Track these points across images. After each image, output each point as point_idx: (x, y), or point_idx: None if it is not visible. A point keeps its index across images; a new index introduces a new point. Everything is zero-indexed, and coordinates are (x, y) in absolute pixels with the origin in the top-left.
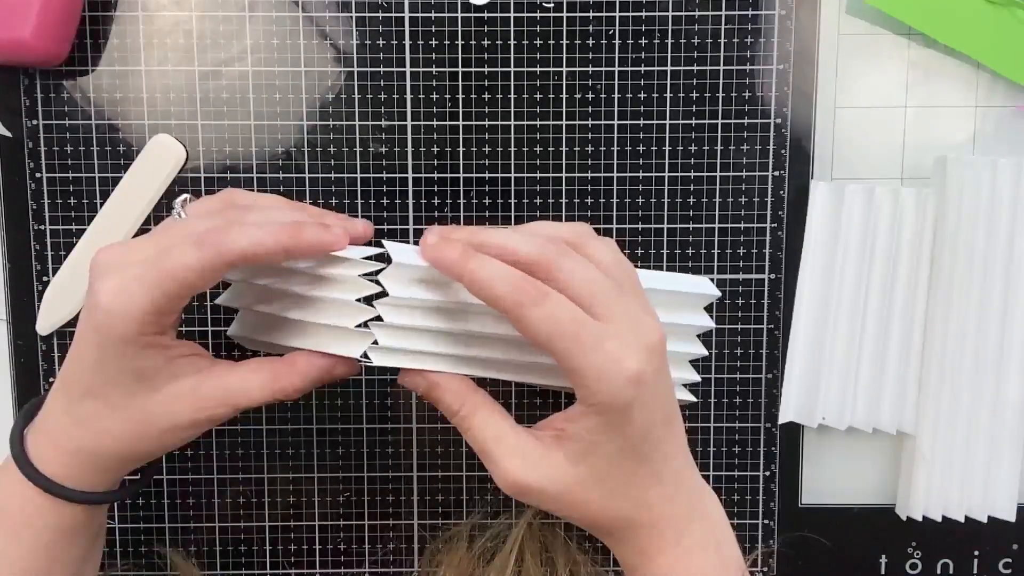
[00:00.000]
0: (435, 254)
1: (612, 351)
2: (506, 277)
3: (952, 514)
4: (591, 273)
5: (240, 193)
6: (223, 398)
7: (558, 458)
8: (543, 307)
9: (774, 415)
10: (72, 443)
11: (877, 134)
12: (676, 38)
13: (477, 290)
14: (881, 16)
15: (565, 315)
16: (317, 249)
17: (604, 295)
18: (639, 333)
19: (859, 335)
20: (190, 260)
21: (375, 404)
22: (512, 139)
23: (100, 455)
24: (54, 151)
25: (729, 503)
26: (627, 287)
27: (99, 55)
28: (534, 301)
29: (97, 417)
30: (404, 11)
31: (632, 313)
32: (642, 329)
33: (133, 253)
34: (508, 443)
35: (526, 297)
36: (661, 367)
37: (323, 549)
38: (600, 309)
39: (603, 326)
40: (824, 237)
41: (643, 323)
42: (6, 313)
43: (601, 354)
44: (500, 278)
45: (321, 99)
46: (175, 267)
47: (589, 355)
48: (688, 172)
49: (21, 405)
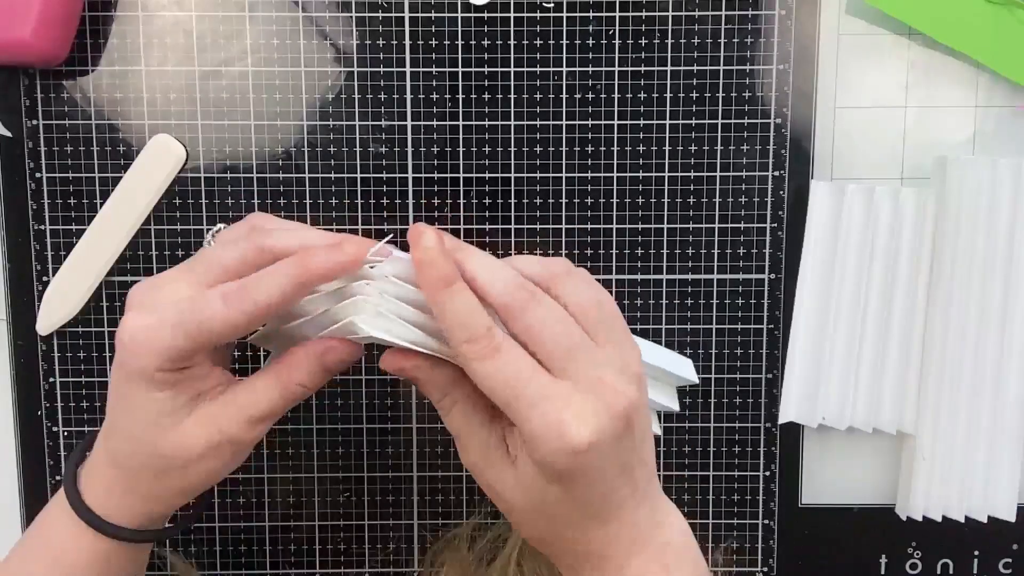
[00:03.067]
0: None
1: (557, 417)
2: (464, 322)
3: (952, 514)
4: (559, 325)
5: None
6: (234, 413)
7: (510, 480)
8: (489, 363)
9: (774, 415)
10: (110, 480)
11: (877, 134)
12: (676, 38)
13: (439, 318)
14: (881, 16)
15: (511, 372)
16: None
17: (569, 350)
18: (600, 396)
19: (859, 335)
20: (216, 315)
21: (375, 404)
22: (512, 139)
23: (136, 492)
24: (54, 151)
25: (729, 503)
26: (603, 336)
27: (99, 55)
28: (481, 355)
29: (125, 454)
30: (404, 11)
31: (598, 371)
32: (606, 391)
33: (165, 293)
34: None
35: (475, 349)
36: (623, 431)
37: (323, 549)
38: (561, 364)
39: (557, 387)
40: (824, 237)
41: (609, 384)
42: (6, 313)
43: (545, 419)
44: (459, 321)
45: (321, 99)
46: (204, 320)
47: (531, 416)
48: (688, 172)
49: (21, 405)
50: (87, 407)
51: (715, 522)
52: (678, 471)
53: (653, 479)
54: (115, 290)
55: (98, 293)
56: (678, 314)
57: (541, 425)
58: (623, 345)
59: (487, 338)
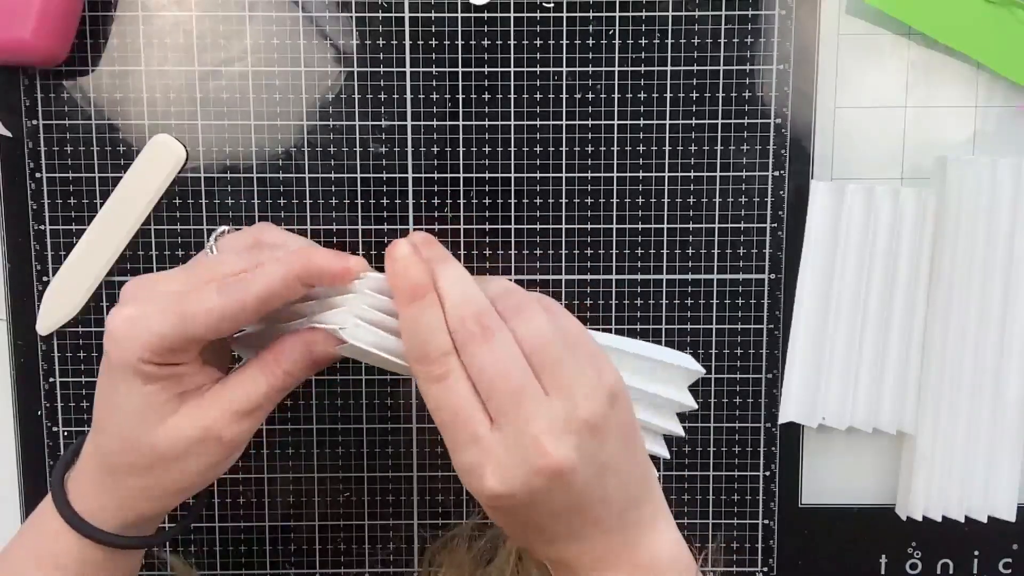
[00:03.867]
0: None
1: (477, 464)
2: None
3: (952, 514)
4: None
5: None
6: (220, 407)
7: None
8: (436, 388)
9: (774, 415)
10: (97, 482)
11: (877, 134)
12: (676, 38)
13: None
14: (881, 16)
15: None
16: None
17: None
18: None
19: (859, 335)
20: (211, 305)
21: (375, 404)
22: (512, 139)
23: (123, 492)
24: (54, 151)
25: (729, 503)
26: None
27: (99, 55)
28: (432, 379)
29: (112, 451)
30: (404, 11)
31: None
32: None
33: (160, 285)
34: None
35: (424, 371)
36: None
37: (323, 549)
38: (498, 412)
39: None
40: (824, 237)
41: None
42: (6, 313)
43: (467, 461)
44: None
45: (321, 99)
46: (195, 310)
47: (457, 454)
48: (688, 172)
49: (21, 405)
50: (87, 407)
51: (715, 522)
52: (678, 471)
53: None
54: (115, 290)
55: (98, 293)
56: (678, 314)
57: (464, 465)
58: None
59: (438, 363)
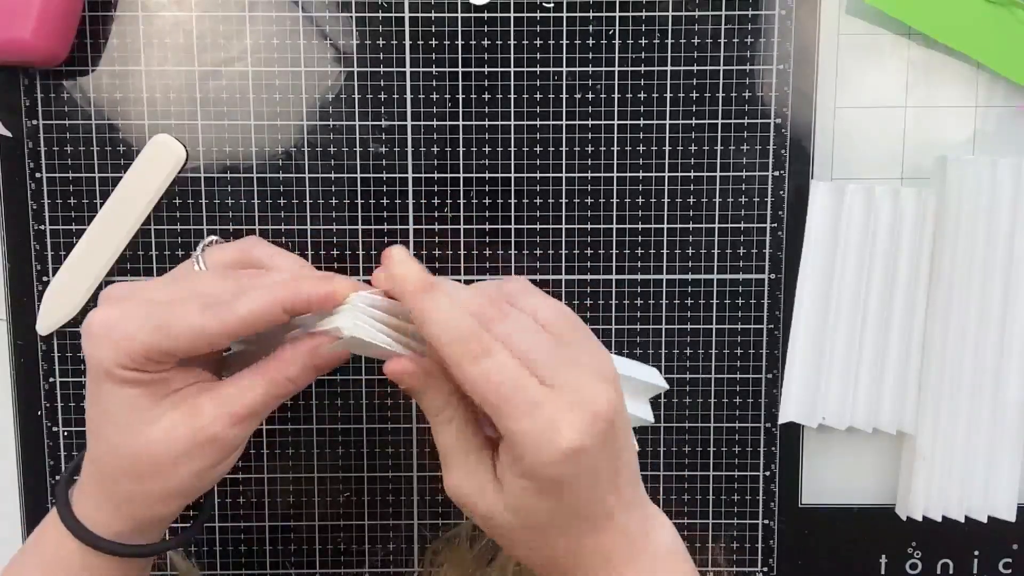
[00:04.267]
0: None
1: (549, 422)
2: (453, 325)
3: (952, 514)
4: (532, 335)
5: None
6: (216, 409)
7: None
8: (481, 364)
9: (774, 415)
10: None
11: (877, 134)
12: (676, 38)
13: (424, 327)
14: (881, 16)
15: (503, 376)
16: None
17: (547, 358)
18: (583, 400)
19: (859, 335)
20: (193, 322)
21: (375, 404)
22: (512, 139)
23: (120, 499)
24: (54, 151)
25: (729, 503)
26: (574, 346)
27: (99, 55)
28: (474, 357)
29: (105, 459)
30: (404, 11)
31: (579, 377)
32: (587, 395)
33: (142, 291)
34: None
35: (466, 350)
36: (608, 433)
37: (323, 549)
38: (543, 372)
39: (544, 391)
40: (824, 237)
41: (589, 389)
42: (6, 313)
43: (537, 422)
44: (447, 324)
45: (321, 99)
46: (177, 324)
47: (522, 420)
48: (688, 172)
49: (21, 405)
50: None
51: (715, 522)
52: (678, 471)
53: (639, 486)
54: None
55: (98, 293)
56: (678, 314)
57: (533, 430)
58: (594, 351)
59: (476, 340)
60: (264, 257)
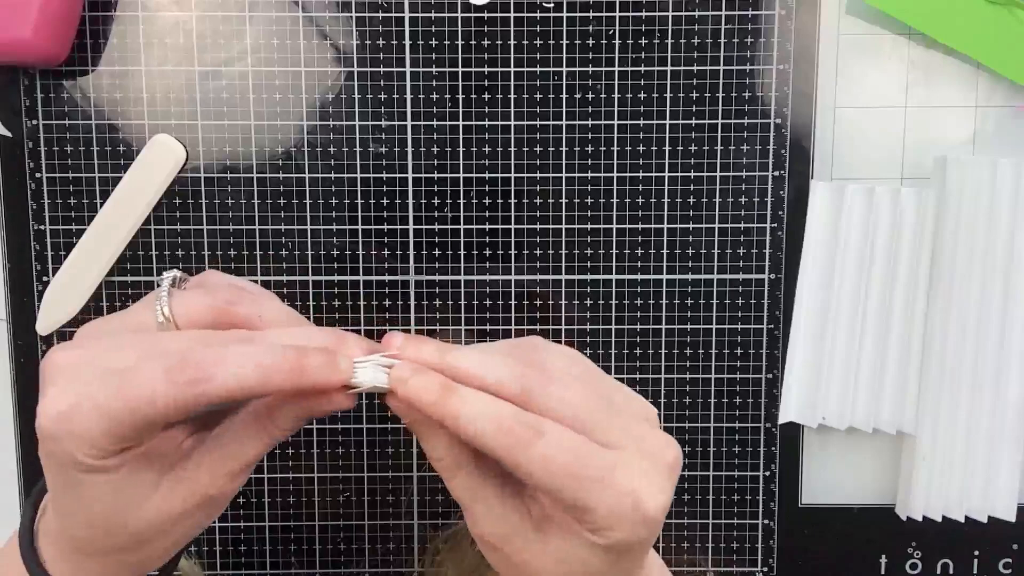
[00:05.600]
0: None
1: (627, 486)
2: (493, 417)
3: (952, 514)
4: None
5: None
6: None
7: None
8: (536, 447)
9: (774, 415)
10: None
11: (877, 134)
12: (676, 38)
13: (461, 432)
14: (881, 16)
15: (565, 451)
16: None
17: (599, 416)
18: (651, 454)
19: (859, 335)
20: (157, 393)
21: (375, 404)
22: (512, 139)
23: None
24: (54, 151)
25: (729, 503)
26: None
27: (99, 55)
28: (527, 443)
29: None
30: (404, 11)
31: (634, 428)
32: (651, 447)
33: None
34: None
35: (517, 440)
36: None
37: (323, 549)
38: (601, 435)
39: (613, 454)
40: (824, 237)
41: (651, 440)
42: (6, 313)
43: (615, 492)
44: (486, 418)
45: (321, 99)
46: (137, 398)
47: (600, 494)
48: (688, 172)
49: (21, 406)
50: None
51: (715, 522)
52: None
53: None
54: (115, 290)
55: (98, 293)
56: (678, 314)
57: (614, 502)
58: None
59: (522, 423)
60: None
